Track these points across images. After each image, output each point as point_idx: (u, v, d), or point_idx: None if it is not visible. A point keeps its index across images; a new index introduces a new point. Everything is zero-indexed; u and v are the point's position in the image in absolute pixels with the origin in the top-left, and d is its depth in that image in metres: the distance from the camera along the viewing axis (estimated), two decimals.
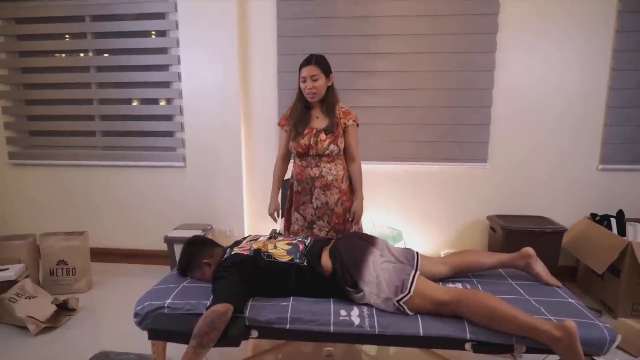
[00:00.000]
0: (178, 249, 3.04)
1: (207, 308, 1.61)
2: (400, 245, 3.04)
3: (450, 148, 3.30)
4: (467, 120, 3.25)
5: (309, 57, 2.19)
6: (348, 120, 2.28)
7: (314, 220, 2.34)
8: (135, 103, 3.60)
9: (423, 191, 3.39)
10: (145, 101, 3.58)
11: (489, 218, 3.26)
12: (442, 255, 3.16)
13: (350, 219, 2.32)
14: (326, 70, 2.20)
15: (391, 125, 3.33)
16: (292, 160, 2.45)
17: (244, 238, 2.09)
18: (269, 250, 1.86)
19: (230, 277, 1.72)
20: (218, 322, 1.55)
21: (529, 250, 1.94)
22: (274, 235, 2.10)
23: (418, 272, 1.75)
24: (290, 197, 2.45)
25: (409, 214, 3.41)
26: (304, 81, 2.19)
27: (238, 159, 3.40)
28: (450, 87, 3.22)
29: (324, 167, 2.26)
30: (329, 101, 2.25)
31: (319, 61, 2.16)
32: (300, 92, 2.28)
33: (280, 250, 1.87)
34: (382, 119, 3.32)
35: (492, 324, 1.56)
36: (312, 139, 2.23)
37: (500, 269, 2.08)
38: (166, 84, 3.48)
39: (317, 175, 2.27)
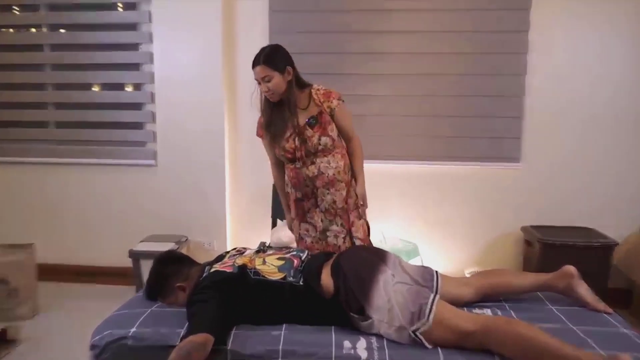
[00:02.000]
0: (146, 266, 2.98)
1: (182, 338, 1.57)
2: (416, 262, 3.03)
3: (476, 145, 3.29)
4: (496, 111, 3.25)
5: (258, 53, 2.21)
6: (331, 102, 2.30)
7: (326, 226, 2.36)
8: (96, 89, 3.59)
9: (443, 196, 3.37)
10: (109, 86, 3.56)
11: (524, 229, 3.26)
12: (466, 275, 3.16)
13: (361, 203, 2.39)
14: (279, 66, 2.20)
15: (405, 118, 3.32)
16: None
17: (227, 252, 2.07)
18: (257, 267, 1.84)
19: (210, 300, 1.69)
20: (195, 356, 1.51)
21: (571, 269, 1.93)
22: (262, 248, 2.09)
23: (438, 296, 1.73)
24: (290, 209, 2.48)
25: (427, 224, 3.39)
26: (259, 83, 2.24)
27: (220, 156, 3.39)
28: (476, 72, 3.23)
29: (321, 162, 2.29)
30: (294, 98, 2.26)
31: (268, 59, 2.18)
32: None
33: (270, 267, 1.85)
34: (394, 109, 3.31)
35: (526, 358, 1.53)
36: (297, 138, 2.25)
37: (537, 292, 2.06)
38: (135, 66, 3.46)
39: (315, 173, 2.29)
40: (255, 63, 2.19)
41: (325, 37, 3.29)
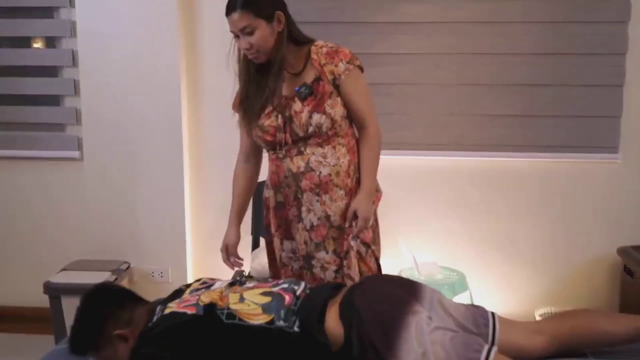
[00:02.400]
0: (69, 304, 3.06)
1: None
2: (463, 299, 3.07)
3: (552, 128, 3.33)
4: (584, 77, 3.29)
5: None
6: (337, 65, 2.29)
7: (310, 251, 2.39)
8: None
9: (503, 204, 3.43)
10: (8, 41, 3.61)
11: (622, 252, 3.30)
12: (537, 319, 3.22)
13: (347, 226, 2.32)
14: (265, 11, 2.21)
15: (447, 88, 3.38)
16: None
17: (188, 286, 2.12)
18: (231, 306, 1.88)
19: (162, 355, 1.76)
20: None
21: None
22: (239, 279, 2.14)
23: (496, 348, 1.78)
24: (267, 220, 2.50)
25: (478, 243, 3.45)
26: (237, 37, 2.26)
27: (176, 147, 3.45)
28: (553, 19, 3.26)
29: (312, 154, 2.31)
30: (281, 57, 2.27)
31: (248, 2, 2.19)
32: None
33: (251, 305, 1.88)
34: (431, 75, 3.35)
35: None
36: (280, 114, 2.29)
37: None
38: (47, 11, 3.51)
39: (301, 169, 2.31)
40: (230, 8, 2.20)
41: None
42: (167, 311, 1.88)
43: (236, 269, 2.45)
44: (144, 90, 3.41)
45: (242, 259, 2.49)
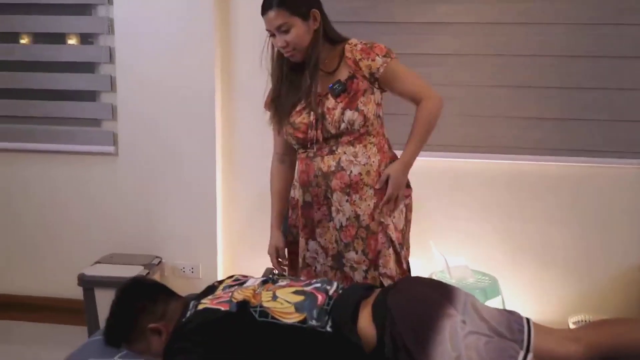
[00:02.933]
0: (102, 297, 3.11)
1: None
2: (494, 304, 3.06)
3: (593, 132, 3.31)
4: (627, 80, 3.25)
5: None
6: (374, 60, 2.31)
7: (340, 250, 2.39)
8: (24, 40, 3.69)
9: (537, 208, 3.40)
10: (45, 37, 3.66)
11: None
12: (571, 326, 3.18)
13: (376, 187, 2.33)
14: (300, 9, 2.24)
15: (482, 89, 3.36)
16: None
17: (220, 282, 2.14)
18: (264, 304, 1.89)
19: (196, 351, 1.77)
20: None
21: None
22: (271, 277, 2.14)
23: (531, 355, 1.77)
24: (292, 220, 2.53)
25: (511, 248, 3.43)
26: (272, 35, 2.28)
27: (210, 141, 3.47)
28: (592, 21, 3.22)
29: (344, 153, 2.32)
30: (317, 55, 2.29)
31: (284, 0, 2.22)
32: (277, 50, 2.36)
33: (284, 304, 1.90)
34: (466, 75, 3.34)
35: None
36: (312, 111, 2.30)
37: None
38: (85, 8, 3.54)
39: (332, 168, 2.32)
40: (266, 7, 2.23)
41: None
42: (200, 307, 1.90)
43: (268, 267, 2.45)
44: (178, 87, 3.44)
45: (273, 269, 2.50)
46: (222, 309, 1.86)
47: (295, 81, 2.34)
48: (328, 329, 1.82)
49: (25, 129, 3.64)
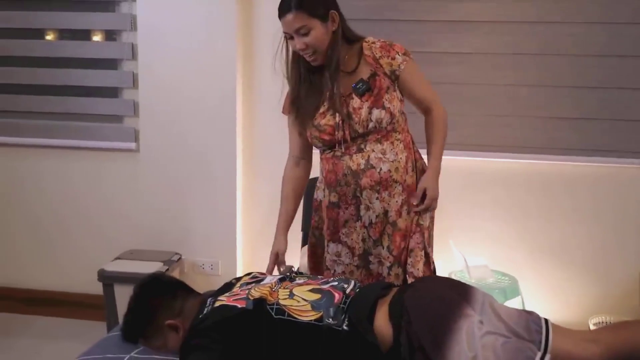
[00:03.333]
0: (121, 293, 3.11)
1: None
2: (514, 304, 3.05)
3: (612, 131, 3.30)
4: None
5: None
6: (395, 58, 2.32)
7: (368, 248, 2.40)
8: (50, 37, 3.73)
9: (557, 208, 3.39)
10: (69, 34, 3.69)
11: None
12: (591, 328, 3.16)
13: (414, 203, 2.35)
14: (319, 11, 2.24)
15: (502, 89, 3.36)
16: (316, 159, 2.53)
17: (238, 279, 2.16)
18: (281, 302, 1.91)
19: (212, 347, 1.78)
20: None
21: None
22: (289, 274, 2.16)
23: (549, 356, 1.76)
24: (318, 222, 2.53)
25: (531, 248, 3.42)
26: (291, 38, 2.28)
27: (230, 139, 3.49)
28: (614, 20, 3.21)
29: (372, 151, 2.32)
30: (337, 56, 2.29)
31: (302, 2, 2.20)
32: (293, 52, 2.36)
33: (301, 302, 1.91)
34: (487, 75, 3.34)
35: None
36: (338, 113, 2.30)
37: None
38: (108, 5, 3.58)
39: (362, 166, 2.32)
40: (284, 9, 2.22)
41: None
42: (217, 304, 1.92)
43: (286, 265, 2.45)
44: (200, 85, 3.46)
45: (292, 266, 2.50)
46: (239, 306, 1.88)
47: (315, 82, 2.36)
48: (344, 327, 1.83)
49: (48, 124, 3.67)
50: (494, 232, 3.44)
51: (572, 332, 1.99)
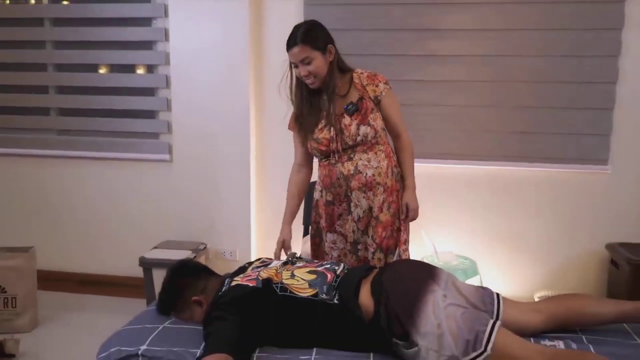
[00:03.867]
0: (158, 275, 3.12)
1: (198, 359, 1.67)
2: (473, 282, 3.04)
3: (553, 142, 3.29)
4: (580, 101, 3.23)
5: (293, 31, 2.28)
6: (378, 86, 2.37)
7: (357, 238, 2.42)
8: (103, 70, 3.75)
9: (510, 205, 3.38)
10: (117, 68, 3.71)
11: (610, 247, 3.24)
12: (535, 300, 3.15)
13: (402, 217, 2.41)
14: (319, 44, 2.28)
15: (465, 109, 3.35)
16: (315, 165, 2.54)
17: (250, 264, 2.16)
18: (284, 281, 1.91)
19: (230, 318, 1.78)
20: None
21: None
22: (291, 259, 2.16)
23: (500, 322, 1.76)
24: (315, 217, 2.54)
25: (488, 237, 3.42)
26: (296, 66, 2.32)
27: (245, 151, 3.49)
28: (557, 53, 3.22)
29: (360, 159, 2.34)
30: (334, 83, 2.33)
31: (306, 38, 2.25)
32: (297, 78, 2.39)
33: (300, 281, 1.92)
34: (453, 98, 3.33)
35: None
36: (332, 128, 2.32)
37: (623, 324, 2.04)
38: (147, 45, 3.59)
39: (351, 171, 2.34)
40: (291, 43, 2.26)
41: (368, 10, 3.34)
42: (233, 283, 1.93)
43: (290, 252, 2.45)
44: (221, 107, 3.47)
45: (295, 252, 2.49)
46: (251, 285, 1.89)
47: (314, 103, 2.39)
48: (335, 301, 1.85)
49: (102, 141, 3.69)
50: (458, 224, 3.45)
51: (519, 303, 2.01)
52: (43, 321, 3.29)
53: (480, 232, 3.42)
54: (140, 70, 3.69)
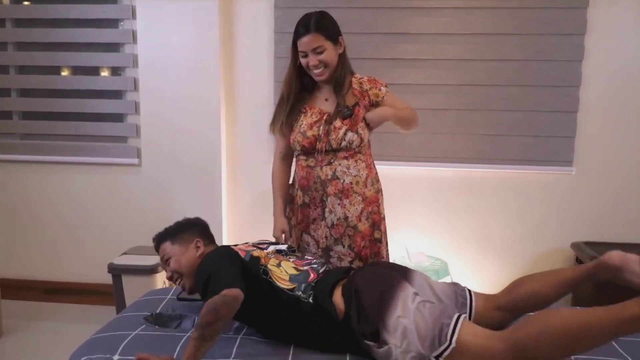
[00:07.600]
0: (128, 282, 3.10)
1: (205, 299, 1.74)
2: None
3: (518, 145, 3.36)
4: (544, 104, 3.31)
5: (305, 19, 2.25)
6: (380, 90, 2.38)
7: (329, 245, 2.38)
8: (65, 72, 3.69)
9: (479, 206, 3.45)
10: (82, 70, 3.66)
11: (575, 246, 3.31)
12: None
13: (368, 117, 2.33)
14: (333, 34, 2.27)
15: (433, 111, 3.40)
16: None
17: (245, 243, 2.20)
18: (269, 266, 1.94)
19: (225, 261, 1.88)
20: (225, 311, 1.68)
21: (614, 256, 1.83)
22: (285, 250, 2.16)
23: (464, 315, 1.75)
24: (288, 213, 2.51)
25: (458, 238, 3.48)
26: (305, 56, 2.27)
27: (216, 154, 3.48)
28: (521, 57, 3.29)
29: (339, 165, 2.32)
30: (339, 76, 2.32)
31: (320, 25, 2.23)
32: (295, 70, 2.36)
33: (283, 272, 1.94)
34: (421, 101, 3.37)
35: (577, 349, 1.59)
36: (321, 127, 2.30)
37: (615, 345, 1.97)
38: (114, 47, 3.56)
39: (329, 176, 2.32)
40: (304, 31, 2.22)
41: (338, 14, 3.32)
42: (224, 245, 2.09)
43: (290, 242, 2.43)
44: (191, 111, 3.46)
45: (291, 245, 2.49)
46: (241, 255, 1.97)
47: (304, 96, 2.40)
48: (310, 300, 1.87)
49: (68, 145, 3.63)
50: (429, 226, 3.49)
51: (485, 297, 2.04)
52: (7, 331, 3.23)
53: (450, 233, 3.47)
54: (105, 73, 3.64)
